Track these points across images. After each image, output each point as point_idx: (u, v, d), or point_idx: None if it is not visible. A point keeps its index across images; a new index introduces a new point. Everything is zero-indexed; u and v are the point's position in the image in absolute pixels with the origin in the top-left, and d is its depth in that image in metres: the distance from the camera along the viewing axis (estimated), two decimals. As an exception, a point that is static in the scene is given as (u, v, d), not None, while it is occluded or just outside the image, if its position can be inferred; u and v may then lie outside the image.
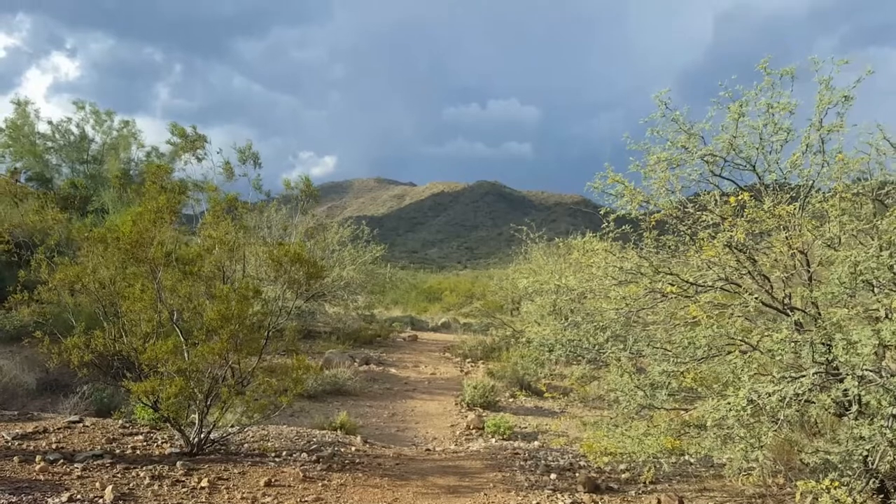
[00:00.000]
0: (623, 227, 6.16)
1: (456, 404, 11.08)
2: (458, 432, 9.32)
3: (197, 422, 6.35)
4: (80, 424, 6.94)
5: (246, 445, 6.92)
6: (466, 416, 10.00)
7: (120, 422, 7.18)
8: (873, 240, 4.81)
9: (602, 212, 6.12)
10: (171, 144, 17.72)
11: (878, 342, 4.17)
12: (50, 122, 20.67)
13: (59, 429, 6.72)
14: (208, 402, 6.32)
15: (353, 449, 7.28)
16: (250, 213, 14.86)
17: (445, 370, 14.83)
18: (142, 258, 6.00)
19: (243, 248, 7.44)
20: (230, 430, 6.71)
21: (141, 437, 6.72)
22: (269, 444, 7.06)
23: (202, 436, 6.37)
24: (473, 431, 9.33)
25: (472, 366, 15.51)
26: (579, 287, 6.41)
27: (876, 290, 4.83)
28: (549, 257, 17.02)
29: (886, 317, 4.47)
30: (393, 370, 14.28)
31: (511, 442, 8.65)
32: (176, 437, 6.54)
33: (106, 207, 17.21)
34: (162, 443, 6.62)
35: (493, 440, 8.77)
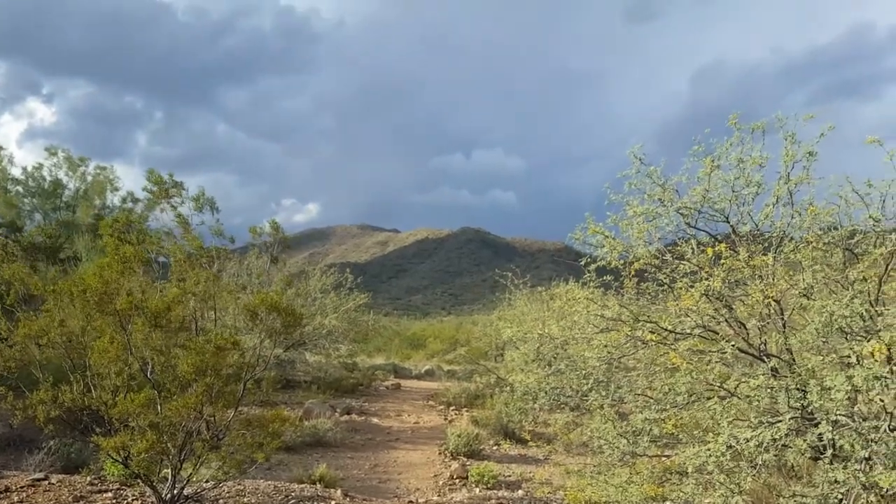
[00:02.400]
0: (604, 277, 6.26)
1: (439, 453, 10.91)
2: (441, 482, 9.16)
3: (170, 477, 6.17)
4: (46, 482, 6.70)
5: (221, 501, 6.72)
6: (450, 466, 9.84)
7: (88, 478, 6.94)
8: (846, 289, 4.93)
9: (583, 261, 6.22)
10: (147, 192, 17.66)
11: (850, 387, 4.23)
12: (24, 169, 20.49)
13: (22, 487, 6.47)
14: (182, 457, 6.15)
15: (333, 503, 7.10)
16: (229, 260, 14.73)
17: (429, 418, 14.63)
18: (109, 310, 5.87)
19: (214, 297, 7.37)
20: (205, 485, 6.52)
21: (110, 495, 6.50)
22: (246, 499, 6.87)
23: (175, 492, 6.18)
24: (457, 481, 9.17)
25: (455, 413, 15.32)
26: (562, 335, 6.45)
27: (848, 337, 4.92)
28: (532, 304, 17.07)
29: (858, 363, 4.54)
30: (375, 420, 14.06)
31: (495, 491, 8.52)
32: (147, 494, 6.33)
33: (79, 255, 16.97)
34: (132, 500, 6.41)
35: (477, 490, 8.63)
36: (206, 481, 6.46)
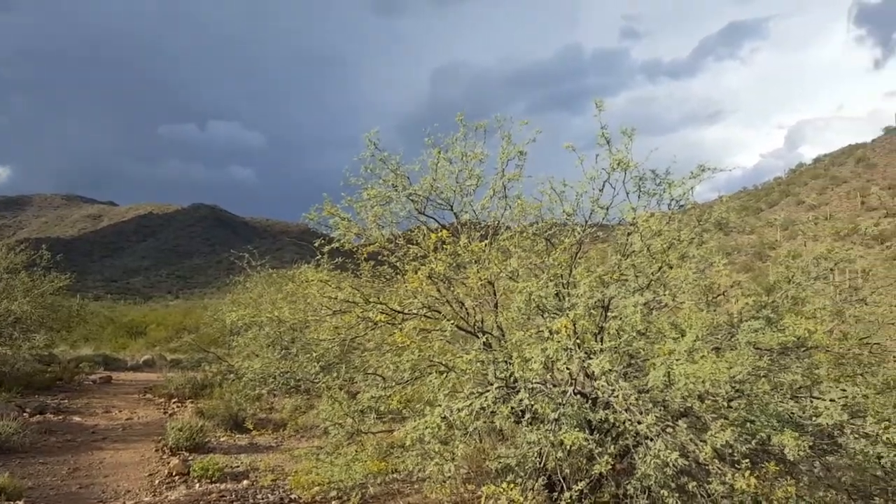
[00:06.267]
0: (337, 259, 6.29)
1: (157, 450, 9.92)
2: (157, 481, 8.33)
3: None
4: None
5: None
6: (169, 463, 9.01)
7: None
8: (544, 273, 5.72)
9: (317, 243, 6.17)
10: None
11: (545, 358, 4.92)
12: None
13: None
14: None
15: (14, 520, 5.97)
16: None
17: (145, 413, 13.22)
18: None
19: None
20: None
21: None
22: None
23: None
24: (177, 478, 8.44)
25: (178, 406, 14.09)
26: (293, 318, 6.33)
27: (545, 314, 5.72)
28: (269, 287, 16.51)
29: (551, 337, 5.31)
30: (77, 418, 12.21)
31: (219, 485, 8.04)
32: None
33: None
34: None
35: (199, 485, 8.05)
36: None
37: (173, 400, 14.68)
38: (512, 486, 4.58)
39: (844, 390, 4.73)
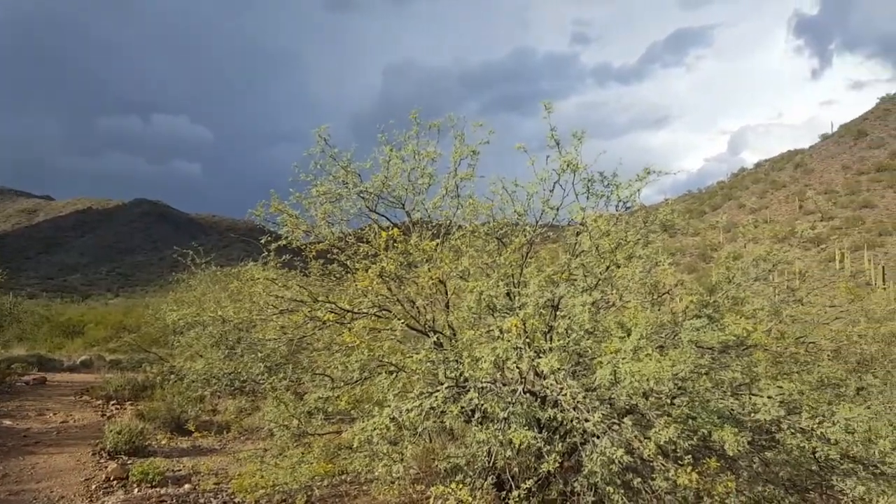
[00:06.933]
0: (285, 257, 6.15)
1: (94, 454, 9.51)
2: (94, 486, 7.99)
3: None
4: None
5: None
6: (107, 467, 8.66)
7: None
8: (495, 272, 5.73)
9: (263, 240, 6.02)
10: None
11: (495, 358, 4.92)
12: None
13: None
14: None
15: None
16: None
17: (82, 416, 12.67)
18: None
19: None
20: None
21: None
22: None
23: None
24: (115, 483, 8.12)
25: (117, 408, 13.58)
26: (237, 317, 6.15)
27: (496, 314, 5.73)
28: (214, 285, 16.05)
29: (501, 336, 5.31)
30: (7, 422, 11.61)
31: (159, 489, 7.78)
32: None
33: None
34: None
35: (138, 490, 7.77)
36: None
37: (112, 402, 14.13)
38: (461, 485, 4.56)
39: (781, 387, 4.89)
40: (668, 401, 4.85)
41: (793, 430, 4.71)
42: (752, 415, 4.75)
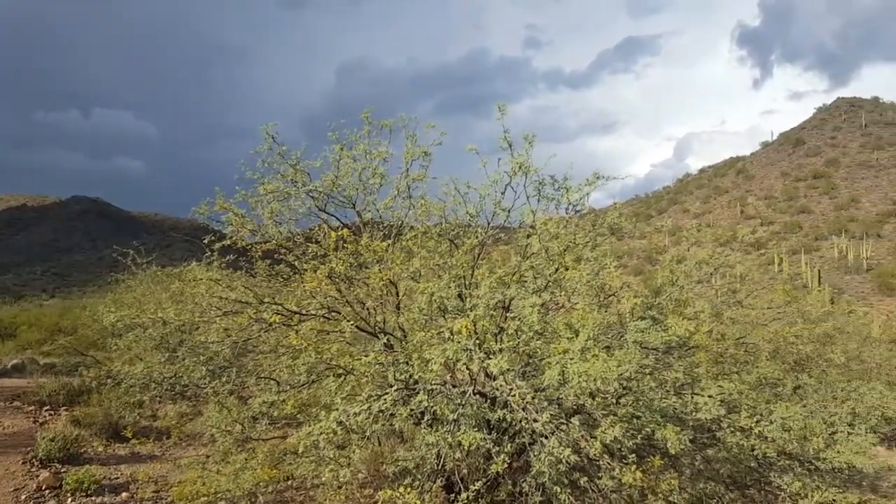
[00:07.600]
0: (230, 257, 5.98)
1: (24, 463, 9.06)
2: (23, 497, 7.62)
3: None
4: None
5: None
6: (38, 476, 8.28)
7: None
8: (446, 273, 5.70)
9: (207, 239, 5.83)
10: None
11: (445, 359, 4.89)
12: None
13: None
14: None
15: None
16: None
17: (12, 423, 12.05)
18: None
19: None
20: None
21: None
22: None
23: None
24: (47, 492, 7.77)
25: (51, 415, 12.98)
26: (178, 319, 5.94)
27: (447, 315, 5.70)
28: (155, 286, 15.51)
29: (451, 338, 5.29)
30: (-72, 431, 10.93)
31: (95, 498, 7.48)
32: None
33: None
34: None
35: (72, 499, 7.46)
36: None
37: (45, 408, 13.51)
38: (409, 489, 4.52)
39: (722, 387, 5.04)
40: (614, 400, 4.92)
41: (733, 429, 4.86)
42: (694, 414, 4.88)
